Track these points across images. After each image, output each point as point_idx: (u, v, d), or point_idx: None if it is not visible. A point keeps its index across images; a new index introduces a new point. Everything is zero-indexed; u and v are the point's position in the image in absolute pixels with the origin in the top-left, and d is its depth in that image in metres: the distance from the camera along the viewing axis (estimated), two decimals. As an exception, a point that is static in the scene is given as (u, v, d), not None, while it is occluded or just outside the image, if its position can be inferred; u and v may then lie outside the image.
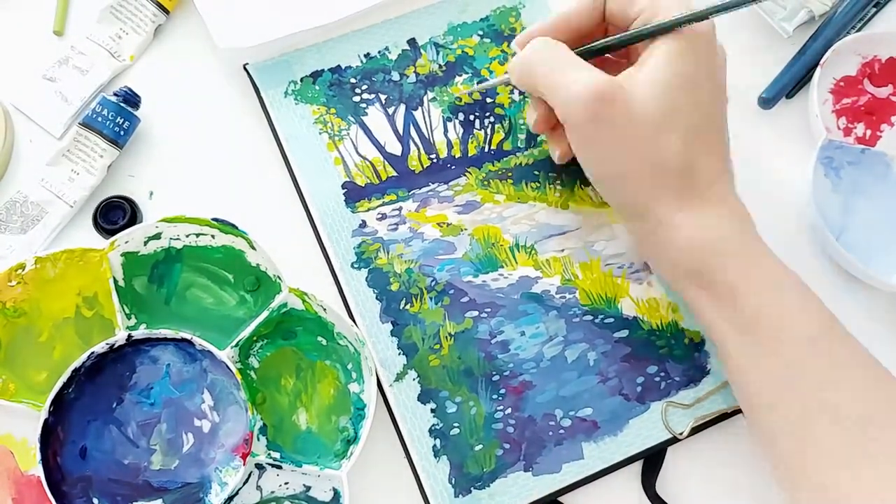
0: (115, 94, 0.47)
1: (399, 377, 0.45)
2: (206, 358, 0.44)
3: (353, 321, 0.46)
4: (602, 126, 0.40)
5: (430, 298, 0.47)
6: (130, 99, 0.48)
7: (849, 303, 0.50)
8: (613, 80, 0.40)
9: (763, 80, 0.53)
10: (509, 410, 0.45)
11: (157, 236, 0.44)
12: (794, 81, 0.53)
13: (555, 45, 0.42)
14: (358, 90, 0.50)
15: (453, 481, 0.44)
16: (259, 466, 0.44)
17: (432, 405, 0.45)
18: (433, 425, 0.45)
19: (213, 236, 0.45)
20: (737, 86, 0.53)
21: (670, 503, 0.45)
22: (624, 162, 0.41)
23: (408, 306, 0.46)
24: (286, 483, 0.44)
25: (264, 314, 0.44)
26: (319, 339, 0.45)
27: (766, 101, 0.53)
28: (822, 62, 0.51)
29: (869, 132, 0.53)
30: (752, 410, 0.42)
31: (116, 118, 0.47)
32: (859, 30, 0.54)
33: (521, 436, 0.45)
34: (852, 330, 0.50)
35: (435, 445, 0.44)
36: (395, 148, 0.49)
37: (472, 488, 0.44)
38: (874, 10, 0.55)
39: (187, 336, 0.43)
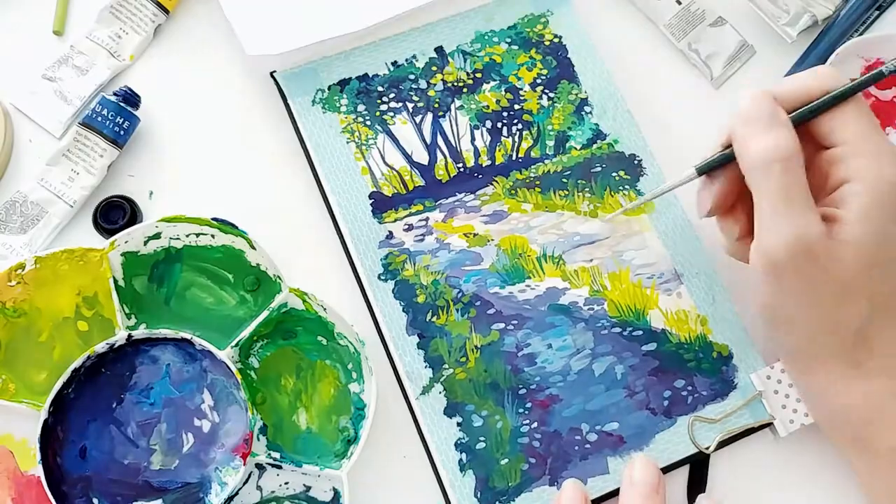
0: (115, 94, 0.47)
1: (425, 390, 0.45)
2: (206, 358, 0.44)
3: (381, 334, 0.46)
4: (797, 279, 0.39)
5: (457, 310, 0.46)
6: (130, 98, 0.48)
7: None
8: (823, 236, 0.38)
9: (767, 85, 0.53)
10: (535, 424, 0.45)
11: (157, 236, 0.44)
12: (795, 84, 0.53)
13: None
14: (385, 98, 0.49)
15: (479, 495, 0.43)
16: (259, 466, 0.44)
17: (458, 419, 0.44)
18: (459, 439, 0.44)
19: (212, 236, 0.45)
20: (739, 91, 0.54)
21: None
22: (805, 313, 0.40)
23: (434, 318, 0.46)
24: (286, 483, 0.44)
25: (264, 314, 0.44)
26: (320, 338, 0.45)
27: (767, 103, 0.52)
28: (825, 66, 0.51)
29: (871, 134, 0.52)
30: None
31: (116, 118, 0.47)
32: (862, 33, 0.54)
33: (546, 450, 0.44)
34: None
35: (461, 459, 0.44)
36: (422, 157, 0.49)
37: (497, 502, 0.43)
38: (877, 13, 0.55)
39: (187, 336, 0.43)
